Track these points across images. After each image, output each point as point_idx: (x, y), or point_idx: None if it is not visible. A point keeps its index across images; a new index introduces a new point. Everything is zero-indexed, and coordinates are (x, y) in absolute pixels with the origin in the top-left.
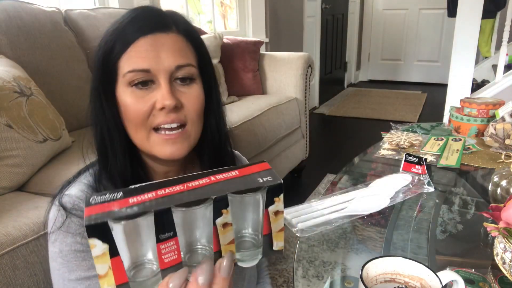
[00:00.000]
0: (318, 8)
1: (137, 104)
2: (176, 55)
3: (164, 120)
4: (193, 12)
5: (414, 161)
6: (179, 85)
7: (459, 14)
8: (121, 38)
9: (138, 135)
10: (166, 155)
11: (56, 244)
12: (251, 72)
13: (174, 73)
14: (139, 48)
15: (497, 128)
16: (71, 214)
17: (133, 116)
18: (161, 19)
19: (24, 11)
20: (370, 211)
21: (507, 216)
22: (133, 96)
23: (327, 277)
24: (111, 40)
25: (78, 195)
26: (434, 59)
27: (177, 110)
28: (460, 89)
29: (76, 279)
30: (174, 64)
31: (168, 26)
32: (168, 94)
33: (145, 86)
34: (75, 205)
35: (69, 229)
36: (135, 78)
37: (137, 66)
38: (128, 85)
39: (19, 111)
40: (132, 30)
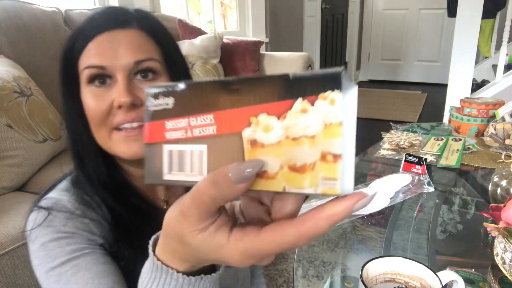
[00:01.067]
0: (318, 8)
1: (96, 103)
2: (134, 51)
3: (124, 119)
4: (193, 12)
5: (414, 161)
6: (140, 82)
7: (459, 14)
8: (80, 37)
9: (100, 135)
10: (129, 154)
11: (37, 240)
12: (251, 72)
13: (133, 69)
14: (95, 45)
15: (497, 128)
16: (53, 210)
17: (92, 115)
18: (121, 16)
19: (24, 11)
20: (370, 211)
21: (507, 216)
22: (92, 95)
23: (327, 277)
24: (70, 39)
25: (58, 197)
26: (434, 59)
27: (136, 108)
28: (460, 89)
29: (60, 264)
30: (132, 60)
31: (128, 23)
32: (125, 91)
33: (103, 84)
34: (57, 202)
35: (52, 223)
36: (90, 74)
37: (92, 63)
38: (86, 84)
39: (19, 111)
40: (89, 27)
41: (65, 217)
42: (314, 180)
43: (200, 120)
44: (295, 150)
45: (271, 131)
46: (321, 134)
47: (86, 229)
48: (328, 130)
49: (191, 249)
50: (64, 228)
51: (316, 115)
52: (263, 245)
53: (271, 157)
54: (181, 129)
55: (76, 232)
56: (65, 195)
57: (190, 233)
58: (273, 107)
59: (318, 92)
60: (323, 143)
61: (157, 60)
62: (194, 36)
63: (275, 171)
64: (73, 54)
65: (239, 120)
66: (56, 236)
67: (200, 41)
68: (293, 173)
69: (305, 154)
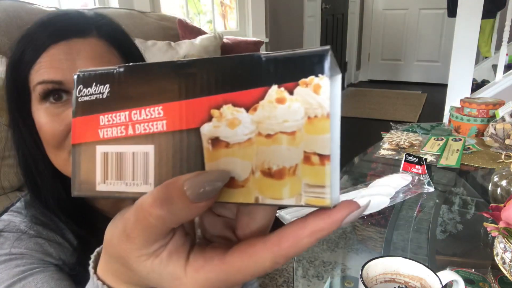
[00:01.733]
0: (318, 8)
1: (52, 124)
2: (95, 63)
3: None
4: (193, 12)
5: (414, 161)
6: None
7: (459, 14)
8: (30, 47)
9: (57, 158)
10: None
11: None
12: None
13: None
14: (51, 57)
15: (497, 128)
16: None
17: (48, 138)
18: (78, 23)
19: (24, 11)
20: (370, 211)
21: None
22: (47, 114)
23: (327, 277)
24: (18, 49)
25: (10, 218)
26: (434, 59)
27: None
28: (460, 89)
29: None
30: None
31: (86, 31)
32: None
33: (59, 100)
34: (8, 224)
35: (2, 246)
36: (45, 90)
37: (48, 77)
38: (40, 101)
39: None
40: (42, 36)
41: (16, 237)
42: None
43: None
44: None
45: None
46: (304, 130)
47: (39, 249)
48: (313, 124)
49: (139, 276)
50: (13, 250)
51: (296, 105)
52: (230, 274)
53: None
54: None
55: (26, 253)
56: (18, 217)
57: (136, 258)
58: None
59: (299, 77)
60: (306, 141)
61: None
62: (194, 36)
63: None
64: (22, 66)
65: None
66: (3, 259)
67: (200, 41)
68: (268, 179)
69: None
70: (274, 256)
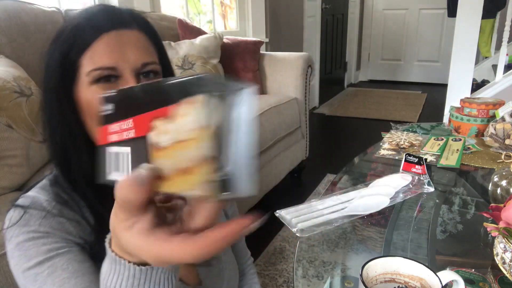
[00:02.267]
0: (318, 8)
1: None
2: (141, 52)
3: None
4: (193, 12)
5: (414, 161)
6: (144, 81)
7: (459, 14)
8: (81, 36)
9: None
10: None
11: (12, 240)
12: (251, 72)
13: (139, 70)
14: (103, 45)
15: (497, 128)
16: (29, 209)
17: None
18: (121, 16)
19: (24, 11)
20: (370, 211)
21: (507, 216)
22: (97, 92)
23: (327, 277)
24: (69, 38)
25: (36, 195)
26: (434, 59)
27: None
28: (460, 89)
29: (36, 264)
30: (140, 62)
31: (129, 23)
32: None
33: (109, 81)
34: (34, 201)
35: (28, 223)
36: (100, 75)
37: (103, 64)
38: (91, 83)
39: (19, 111)
40: (92, 27)
41: (41, 216)
42: (194, 183)
43: (125, 124)
44: (181, 153)
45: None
46: (199, 138)
47: (61, 228)
48: (203, 133)
49: (124, 244)
50: (39, 227)
51: (189, 119)
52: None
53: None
54: (116, 133)
55: (51, 232)
56: (43, 194)
57: (119, 230)
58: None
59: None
60: (201, 146)
61: (157, 63)
62: (194, 36)
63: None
64: (74, 50)
65: (146, 124)
66: (31, 236)
67: (200, 41)
68: (181, 175)
69: (187, 157)
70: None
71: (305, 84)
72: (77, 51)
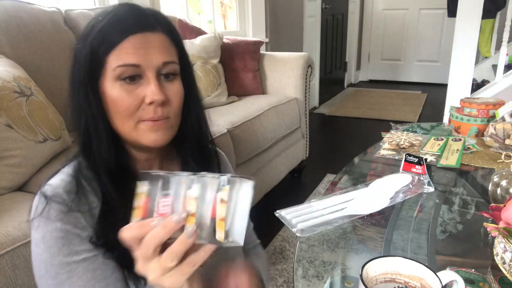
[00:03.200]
0: (318, 8)
1: (127, 99)
2: (163, 52)
3: (153, 116)
4: (193, 12)
5: (414, 161)
6: (164, 81)
7: (459, 14)
8: (110, 36)
9: (126, 126)
10: (152, 141)
11: (39, 230)
12: (251, 72)
13: (160, 69)
14: (129, 45)
15: (497, 128)
16: (50, 201)
17: (122, 109)
18: (146, 18)
19: (24, 11)
20: (370, 211)
21: (507, 216)
22: (122, 90)
23: (327, 277)
24: (99, 37)
25: (58, 184)
26: (434, 59)
27: (163, 105)
28: (460, 89)
29: (58, 264)
30: (161, 60)
31: (154, 26)
32: (158, 90)
33: (133, 81)
34: (55, 192)
35: (49, 215)
36: (125, 72)
37: (128, 61)
38: (116, 79)
39: (19, 111)
40: (120, 28)
41: (60, 210)
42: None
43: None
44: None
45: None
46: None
47: (78, 225)
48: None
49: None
50: (61, 225)
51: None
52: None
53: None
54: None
55: (70, 231)
56: (65, 182)
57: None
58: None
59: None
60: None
61: (177, 63)
62: (194, 36)
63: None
64: (102, 49)
65: None
66: (55, 234)
67: (200, 41)
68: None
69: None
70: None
71: (305, 84)
72: (106, 49)
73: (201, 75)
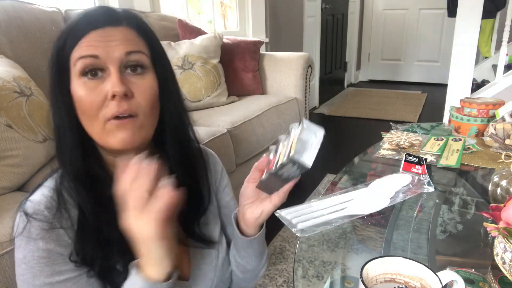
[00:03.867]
0: (318, 8)
1: (90, 96)
2: (126, 44)
3: (117, 111)
4: (193, 12)
5: (414, 161)
6: (131, 75)
7: (459, 14)
8: (73, 33)
9: (93, 128)
10: (118, 141)
11: (20, 250)
12: (251, 72)
13: (124, 60)
14: (91, 38)
15: (497, 128)
16: (31, 219)
17: (87, 107)
18: (112, 15)
19: (24, 11)
20: (370, 211)
21: (507, 216)
22: (85, 88)
23: (327, 277)
24: (63, 36)
25: (39, 199)
26: (434, 59)
27: (127, 99)
28: (460, 89)
29: (40, 285)
30: (124, 51)
31: (119, 21)
32: (118, 81)
33: (96, 76)
34: (36, 209)
35: (30, 235)
36: (84, 65)
37: (86, 53)
38: (79, 76)
39: (19, 111)
40: (83, 25)
41: (42, 227)
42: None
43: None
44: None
45: None
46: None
47: (61, 243)
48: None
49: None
50: (43, 244)
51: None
52: None
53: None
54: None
55: (52, 250)
56: (45, 196)
57: None
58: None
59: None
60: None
61: (146, 54)
62: (194, 36)
63: None
64: (66, 49)
65: None
66: (36, 254)
67: (200, 41)
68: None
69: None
70: None
71: (305, 84)
72: (69, 46)
73: (201, 75)
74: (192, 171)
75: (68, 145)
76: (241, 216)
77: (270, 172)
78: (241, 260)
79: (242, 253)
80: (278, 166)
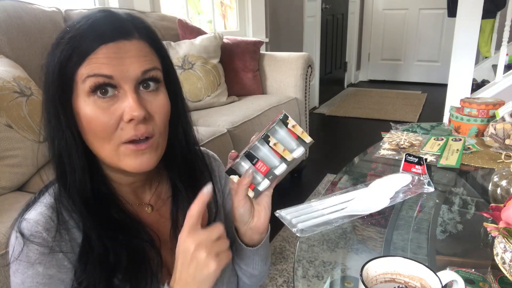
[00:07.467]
0: (318, 8)
1: (103, 117)
2: (141, 61)
3: (134, 134)
4: (193, 12)
5: (414, 161)
6: (145, 93)
7: (459, 14)
8: (80, 46)
9: (105, 149)
10: (134, 167)
11: (18, 275)
12: (251, 72)
13: (140, 79)
14: (101, 55)
15: (497, 128)
16: (28, 242)
17: (99, 130)
18: (122, 25)
19: (24, 11)
20: (370, 211)
21: (507, 216)
22: (96, 107)
23: (327, 277)
24: (68, 49)
25: (37, 219)
26: (434, 59)
27: (145, 122)
28: (460, 89)
29: None
30: (140, 70)
31: (130, 33)
32: (136, 104)
33: (105, 95)
34: (33, 231)
35: (29, 259)
36: (95, 83)
37: (99, 71)
38: (88, 94)
39: (19, 111)
40: (92, 37)
41: (41, 252)
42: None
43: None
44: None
45: None
46: None
47: (62, 268)
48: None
49: None
50: (43, 270)
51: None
52: None
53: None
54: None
55: (54, 276)
56: (44, 215)
57: None
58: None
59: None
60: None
61: (159, 69)
62: (194, 36)
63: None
64: (71, 64)
65: None
66: (36, 280)
67: (200, 41)
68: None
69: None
70: None
71: (305, 84)
72: (76, 61)
73: (201, 75)
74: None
75: (73, 167)
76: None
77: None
78: (247, 267)
79: (246, 260)
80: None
